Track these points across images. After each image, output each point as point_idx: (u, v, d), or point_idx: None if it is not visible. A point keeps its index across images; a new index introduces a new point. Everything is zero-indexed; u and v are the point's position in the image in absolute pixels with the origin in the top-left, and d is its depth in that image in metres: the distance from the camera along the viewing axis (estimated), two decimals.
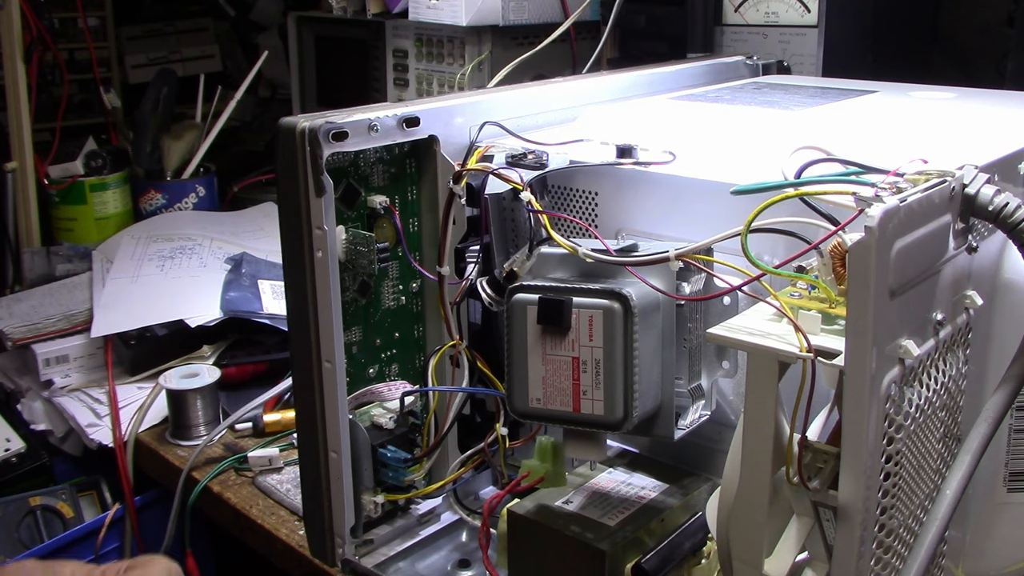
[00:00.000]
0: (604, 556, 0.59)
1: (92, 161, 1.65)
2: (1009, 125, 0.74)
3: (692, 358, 0.62)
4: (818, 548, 0.51)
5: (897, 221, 0.45)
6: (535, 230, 0.64)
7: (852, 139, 0.69)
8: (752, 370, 0.50)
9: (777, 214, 0.51)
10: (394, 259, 0.75)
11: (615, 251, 0.59)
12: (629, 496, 0.64)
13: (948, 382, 0.54)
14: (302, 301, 0.69)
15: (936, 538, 0.51)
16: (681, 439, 0.68)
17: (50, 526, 1.16)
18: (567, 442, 0.60)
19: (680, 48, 1.20)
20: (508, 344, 0.59)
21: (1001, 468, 0.65)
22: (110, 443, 1.18)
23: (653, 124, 0.76)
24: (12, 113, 1.56)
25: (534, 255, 0.63)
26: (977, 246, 0.55)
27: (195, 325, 1.28)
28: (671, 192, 0.67)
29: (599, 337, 0.56)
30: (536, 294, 0.58)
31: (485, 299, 0.67)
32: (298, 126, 0.66)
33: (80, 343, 1.30)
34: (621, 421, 0.57)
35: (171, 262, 1.44)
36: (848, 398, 0.46)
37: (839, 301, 0.49)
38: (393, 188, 0.74)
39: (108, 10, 1.93)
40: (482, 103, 0.76)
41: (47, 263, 1.54)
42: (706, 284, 0.62)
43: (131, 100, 1.89)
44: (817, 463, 0.50)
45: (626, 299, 0.56)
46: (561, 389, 0.58)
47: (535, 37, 1.29)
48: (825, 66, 1.12)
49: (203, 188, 1.70)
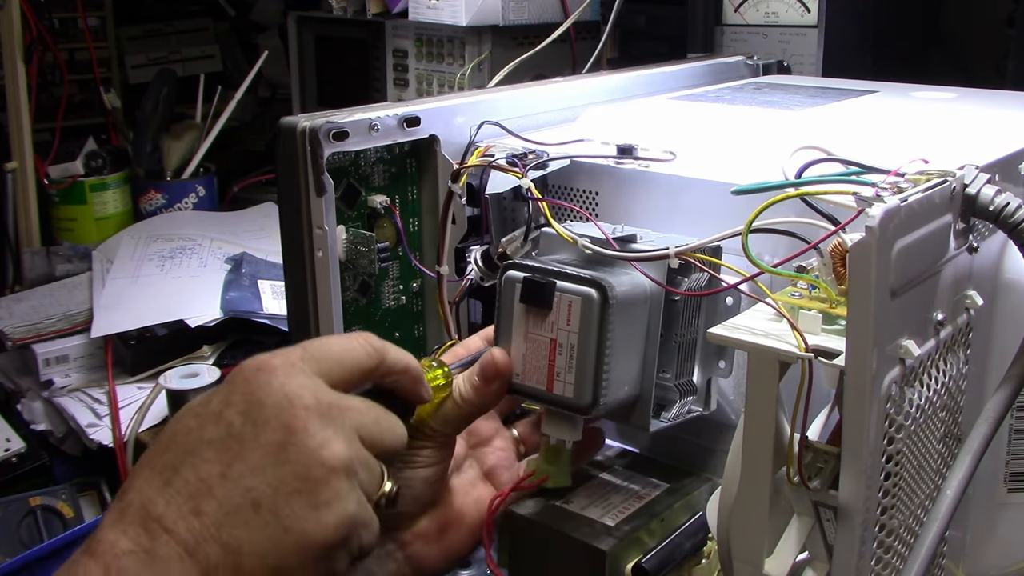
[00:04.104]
0: (604, 556, 0.59)
1: (92, 161, 1.66)
2: (1009, 125, 0.74)
3: (683, 353, 0.63)
4: (818, 548, 0.51)
5: (898, 221, 0.45)
6: (534, 216, 0.64)
7: (852, 139, 0.69)
8: (752, 370, 0.50)
9: (778, 214, 0.51)
10: (394, 259, 0.75)
11: (614, 239, 0.59)
12: (629, 496, 0.64)
13: (949, 382, 0.54)
14: (302, 301, 0.69)
15: (936, 538, 0.51)
16: (678, 438, 0.68)
17: (50, 526, 1.16)
18: (545, 419, 0.61)
19: (680, 48, 1.20)
20: (497, 318, 0.60)
21: (1001, 468, 0.65)
22: (110, 443, 1.18)
23: (653, 124, 0.76)
24: (12, 113, 1.56)
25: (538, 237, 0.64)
26: (978, 246, 0.55)
27: (195, 325, 1.28)
28: (671, 192, 0.67)
29: (576, 323, 0.57)
30: (525, 273, 0.59)
31: (476, 272, 0.68)
32: (298, 126, 0.66)
33: (80, 343, 1.30)
34: (588, 406, 0.58)
35: (171, 262, 1.44)
36: (849, 398, 0.46)
37: (840, 301, 0.49)
38: (393, 188, 0.74)
39: (108, 10, 1.93)
40: (482, 103, 0.76)
41: (47, 263, 1.54)
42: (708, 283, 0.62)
43: (131, 100, 1.89)
44: (817, 463, 0.50)
45: (605, 290, 0.56)
46: (538, 368, 0.59)
47: (535, 37, 1.29)
48: (825, 66, 1.12)
49: (203, 188, 1.70)
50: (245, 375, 0.49)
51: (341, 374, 0.51)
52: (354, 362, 0.52)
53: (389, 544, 0.59)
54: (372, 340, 0.54)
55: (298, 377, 0.49)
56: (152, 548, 0.45)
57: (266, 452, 0.47)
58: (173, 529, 0.45)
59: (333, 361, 0.51)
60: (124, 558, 0.45)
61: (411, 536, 0.60)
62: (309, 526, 0.46)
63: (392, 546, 0.60)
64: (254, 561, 0.46)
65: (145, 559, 0.45)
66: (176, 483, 0.46)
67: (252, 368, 0.49)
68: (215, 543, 0.45)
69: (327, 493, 0.47)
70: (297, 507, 0.46)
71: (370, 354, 0.53)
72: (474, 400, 0.59)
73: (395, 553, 0.60)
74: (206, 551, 0.45)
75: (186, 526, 0.45)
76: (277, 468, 0.47)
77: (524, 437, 0.67)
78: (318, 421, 0.48)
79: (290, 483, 0.46)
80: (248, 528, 0.46)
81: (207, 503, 0.46)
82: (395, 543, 0.60)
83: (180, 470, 0.47)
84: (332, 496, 0.47)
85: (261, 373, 0.49)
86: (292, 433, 0.47)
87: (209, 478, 0.46)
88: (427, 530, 0.60)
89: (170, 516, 0.45)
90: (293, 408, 0.48)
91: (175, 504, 0.46)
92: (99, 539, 0.46)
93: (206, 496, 0.46)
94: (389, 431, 0.52)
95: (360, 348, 0.53)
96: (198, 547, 0.45)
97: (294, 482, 0.46)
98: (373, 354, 0.53)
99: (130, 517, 0.46)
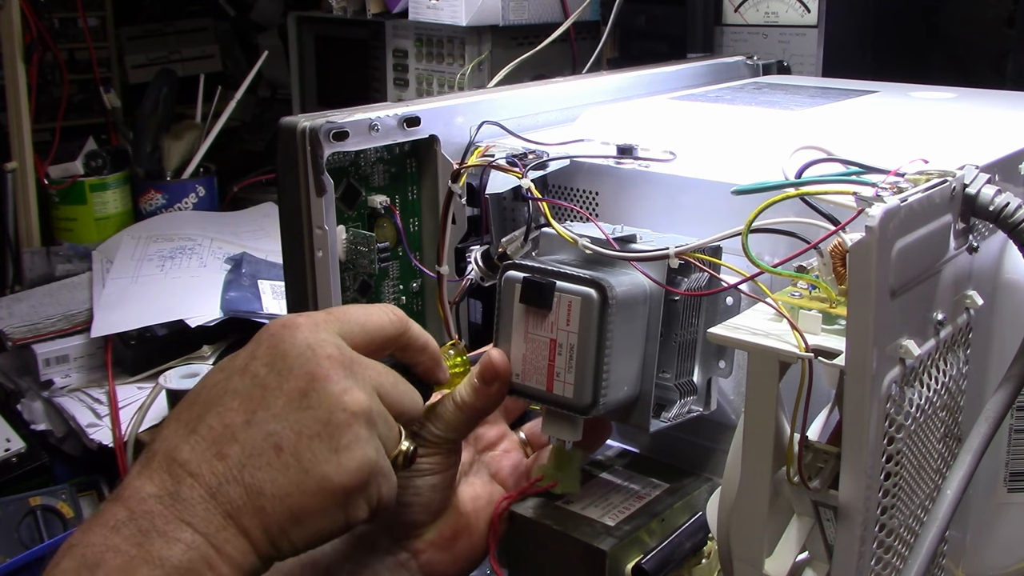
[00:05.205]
0: (604, 556, 0.59)
1: (92, 161, 1.66)
2: (1009, 125, 0.74)
3: (683, 353, 0.63)
4: (818, 548, 0.51)
5: (898, 221, 0.45)
6: (534, 216, 0.64)
7: (852, 139, 0.69)
8: (752, 370, 0.50)
9: (778, 214, 0.51)
10: (394, 259, 0.75)
11: (613, 239, 0.59)
12: (629, 496, 0.64)
13: (949, 382, 0.54)
14: (302, 301, 0.69)
15: (937, 538, 0.51)
16: (678, 438, 0.68)
17: (50, 526, 1.16)
18: (545, 419, 0.61)
19: (680, 48, 1.20)
20: (497, 318, 0.60)
21: (1002, 468, 0.65)
22: (110, 443, 1.18)
23: (653, 124, 0.76)
24: (12, 113, 1.56)
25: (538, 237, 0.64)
26: (978, 246, 0.55)
27: (195, 325, 1.28)
28: (671, 192, 0.67)
29: (575, 323, 0.57)
30: (525, 273, 0.59)
31: (476, 272, 0.68)
32: (298, 126, 0.66)
33: (80, 343, 1.31)
34: (588, 406, 0.58)
35: (171, 262, 1.44)
36: (849, 398, 0.46)
37: (840, 301, 0.49)
38: (393, 188, 0.74)
39: (108, 10, 1.94)
40: (482, 103, 0.76)
41: (47, 263, 1.54)
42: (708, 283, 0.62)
43: (131, 100, 1.89)
44: (817, 463, 0.50)
45: (605, 290, 0.56)
46: (538, 368, 0.59)
47: (535, 37, 1.29)
48: (825, 66, 1.12)
49: (203, 188, 1.70)
50: (271, 331, 0.51)
51: (364, 338, 0.53)
52: (377, 327, 0.54)
53: (402, 554, 0.60)
54: (395, 311, 0.55)
55: (322, 333, 0.50)
56: (176, 491, 0.46)
57: (289, 399, 0.48)
58: (197, 472, 0.46)
59: (356, 324, 0.53)
60: (149, 500, 0.46)
61: (423, 545, 0.60)
62: (330, 468, 0.48)
63: (405, 555, 0.60)
64: (275, 503, 0.47)
65: (169, 501, 0.46)
66: (201, 430, 0.48)
67: (278, 325, 0.51)
68: (238, 484, 0.46)
69: (348, 437, 0.48)
70: (318, 450, 0.48)
71: (393, 322, 0.54)
72: (474, 403, 0.59)
73: (408, 563, 0.60)
74: (228, 493, 0.46)
75: (210, 469, 0.47)
76: (300, 413, 0.48)
77: (531, 439, 0.67)
78: (341, 370, 0.49)
79: (312, 427, 0.48)
80: (270, 470, 0.47)
81: (230, 447, 0.47)
82: (408, 552, 0.60)
83: (205, 418, 0.48)
84: (352, 440, 0.48)
85: (286, 329, 0.50)
86: (315, 380, 0.48)
87: (233, 424, 0.48)
88: (438, 538, 0.60)
89: (194, 460, 0.47)
90: (317, 357, 0.49)
91: (199, 449, 0.47)
92: (125, 485, 0.47)
93: (229, 441, 0.47)
94: (407, 395, 0.54)
95: (384, 315, 0.54)
96: (220, 488, 0.46)
97: (315, 426, 0.48)
98: (397, 323, 0.54)
99: (156, 464, 0.47)
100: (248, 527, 0.46)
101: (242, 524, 0.46)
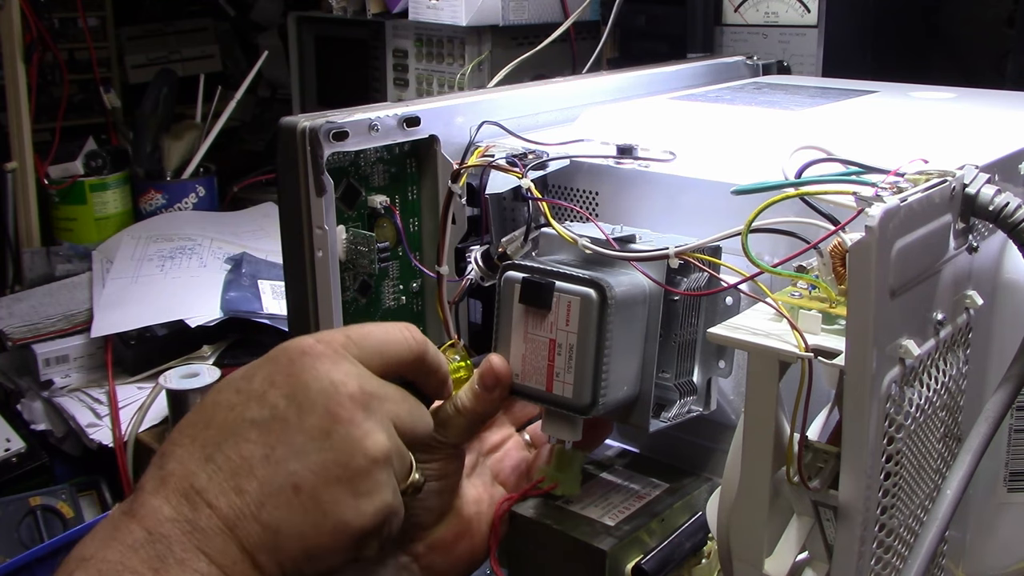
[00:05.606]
0: (604, 556, 0.59)
1: (92, 161, 1.66)
2: (1009, 125, 0.74)
3: (682, 353, 0.63)
4: (818, 548, 0.51)
5: (897, 221, 0.45)
6: (534, 216, 0.64)
7: (852, 139, 0.69)
8: (752, 370, 0.50)
9: (777, 214, 0.51)
10: (394, 259, 0.75)
11: (613, 239, 0.59)
12: (629, 496, 0.64)
13: (948, 382, 0.54)
14: (302, 301, 0.69)
15: (936, 538, 0.51)
16: (678, 438, 0.68)
17: (50, 526, 1.16)
18: (544, 419, 0.61)
19: (680, 48, 1.20)
20: (497, 318, 0.60)
21: (1001, 468, 0.65)
22: (110, 443, 1.18)
23: (653, 124, 0.76)
24: (12, 113, 1.56)
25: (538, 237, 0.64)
26: (977, 246, 0.55)
27: (195, 325, 1.28)
28: (671, 192, 0.67)
29: (575, 323, 0.57)
30: (524, 273, 0.59)
31: (476, 272, 0.68)
32: (298, 126, 0.66)
33: (80, 343, 1.31)
34: (588, 406, 0.58)
35: (171, 262, 1.44)
36: (848, 398, 0.46)
37: (839, 301, 0.49)
38: (393, 188, 0.74)
39: (108, 10, 1.94)
40: (482, 103, 0.76)
41: (47, 263, 1.54)
42: (708, 283, 0.62)
43: (131, 100, 1.89)
44: (817, 463, 0.50)
45: (604, 290, 0.56)
46: (537, 368, 0.59)
47: (535, 37, 1.29)
48: (825, 66, 1.12)
49: (203, 188, 1.70)
50: (290, 356, 0.50)
51: (380, 365, 0.52)
52: (396, 356, 0.53)
53: (404, 557, 0.60)
54: (416, 334, 0.55)
55: (343, 364, 0.50)
56: (194, 519, 0.46)
57: (309, 437, 0.48)
58: (215, 504, 0.46)
59: (375, 352, 0.52)
60: (166, 524, 0.46)
61: (426, 548, 0.60)
62: (349, 514, 0.48)
63: (407, 559, 0.60)
64: (291, 542, 0.47)
65: (187, 527, 0.46)
66: (218, 459, 0.47)
67: (296, 351, 0.50)
68: (255, 522, 0.46)
69: (368, 483, 0.48)
70: (338, 494, 0.47)
71: (412, 349, 0.54)
72: (475, 408, 0.59)
73: (411, 565, 0.60)
74: (246, 529, 0.46)
75: (227, 502, 0.46)
76: (320, 454, 0.48)
77: (535, 441, 0.67)
78: (362, 412, 0.49)
79: (332, 470, 0.47)
80: (288, 510, 0.47)
81: (248, 482, 0.47)
82: (410, 555, 0.60)
83: (222, 447, 0.48)
84: (372, 486, 0.48)
85: (307, 358, 0.49)
86: (336, 421, 0.48)
87: (251, 458, 0.47)
88: (441, 540, 0.60)
89: (212, 491, 0.47)
90: (339, 395, 0.49)
91: (217, 480, 0.47)
92: (141, 503, 0.47)
93: (248, 475, 0.47)
94: (420, 420, 0.54)
95: (403, 343, 0.54)
96: (238, 524, 0.46)
97: (336, 470, 0.48)
98: (416, 349, 0.54)
99: (172, 486, 0.47)
100: (263, 563, 0.47)
101: (258, 560, 0.46)
